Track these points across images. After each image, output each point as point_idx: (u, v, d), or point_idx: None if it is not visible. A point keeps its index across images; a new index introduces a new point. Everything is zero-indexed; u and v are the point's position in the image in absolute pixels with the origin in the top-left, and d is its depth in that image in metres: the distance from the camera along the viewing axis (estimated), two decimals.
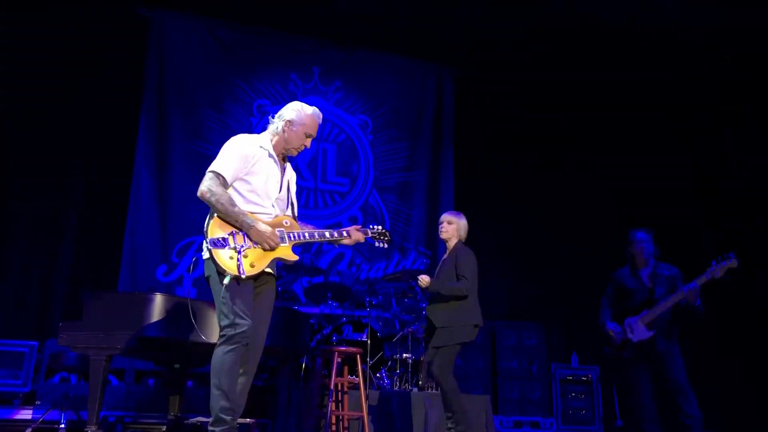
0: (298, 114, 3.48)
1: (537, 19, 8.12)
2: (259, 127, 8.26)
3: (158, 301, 4.03)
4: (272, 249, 3.26)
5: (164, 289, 7.24)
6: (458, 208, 8.85)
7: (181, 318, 4.09)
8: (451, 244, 4.86)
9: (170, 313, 4.04)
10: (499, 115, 9.03)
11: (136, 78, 7.84)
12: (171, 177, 7.79)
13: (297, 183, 3.75)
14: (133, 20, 7.84)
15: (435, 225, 8.58)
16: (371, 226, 3.77)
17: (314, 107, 3.58)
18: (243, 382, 3.27)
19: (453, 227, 4.83)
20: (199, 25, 8.27)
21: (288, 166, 3.61)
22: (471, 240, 8.73)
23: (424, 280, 4.68)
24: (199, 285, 7.53)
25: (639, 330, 4.69)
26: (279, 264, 3.45)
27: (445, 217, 4.90)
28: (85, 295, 4.12)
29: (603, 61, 8.52)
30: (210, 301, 4.28)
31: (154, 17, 8.03)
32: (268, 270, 3.36)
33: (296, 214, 3.63)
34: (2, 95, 7.14)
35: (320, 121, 3.57)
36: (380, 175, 8.77)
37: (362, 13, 8.34)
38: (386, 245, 3.86)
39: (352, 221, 8.28)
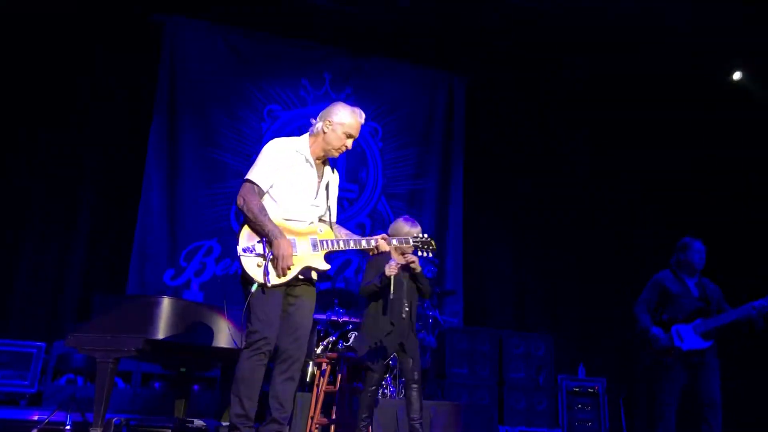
0: (338, 113, 3.41)
1: (549, 27, 8.13)
2: (269, 132, 8.28)
3: (166, 304, 4.04)
4: (283, 273, 3.16)
5: (172, 293, 7.26)
6: (467, 217, 8.90)
7: (188, 322, 4.10)
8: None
9: (177, 316, 4.04)
10: (510, 123, 9.03)
11: (148, 83, 7.89)
12: (181, 181, 7.83)
13: None
14: (146, 26, 7.89)
15: (444, 233, 8.67)
16: (415, 235, 3.65)
17: (357, 108, 3.48)
18: (289, 387, 3.26)
19: None
20: (211, 31, 8.31)
21: (327, 169, 3.52)
22: (481, 249, 8.79)
23: (416, 261, 4.23)
24: (206, 289, 7.59)
25: (691, 338, 4.58)
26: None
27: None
28: (94, 297, 4.14)
29: (610, 65, 8.52)
30: (216, 306, 4.30)
31: (167, 23, 8.08)
32: (302, 278, 3.31)
33: (334, 220, 3.55)
34: (14, 99, 7.20)
35: (362, 120, 3.46)
36: (389, 182, 8.77)
37: (374, 20, 8.39)
38: (431, 254, 3.66)
39: (360, 228, 8.28)
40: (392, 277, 4.18)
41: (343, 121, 3.39)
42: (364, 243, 3.43)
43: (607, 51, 8.36)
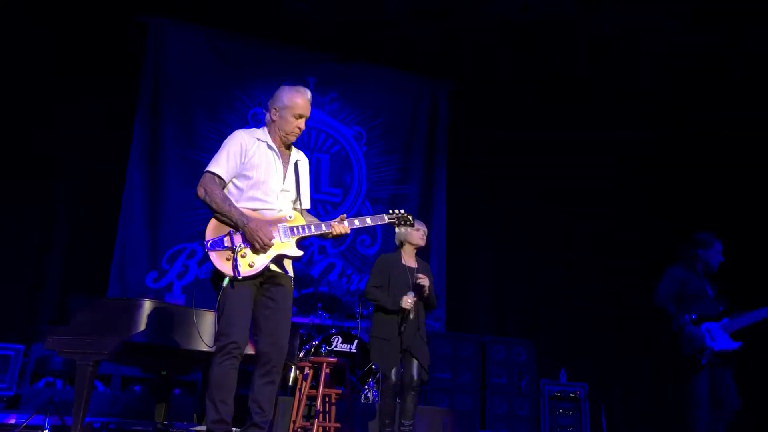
0: (282, 97, 3.33)
1: (532, 33, 8.22)
2: None
3: (147, 307, 3.99)
4: (263, 249, 3.11)
5: (153, 296, 7.20)
6: (450, 222, 8.93)
7: (169, 324, 4.07)
8: (414, 251, 4.71)
9: (158, 319, 4.01)
10: (493, 129, 9.06)
11: (132, 84, 7.84)
12: (164, 184, 7.79)
13: None
14: (130, 27, 7.85)
15: (427, 238, 8.65)
16: (390, 211, 3.54)
17: (301, 87, 3.39)
18: (269, 390, 3.17)
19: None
20: (196, 33, 8.29)
21: (294, 153, 3.44)
22: (464, 254, 8.81)
23: (426, 281, 4.45)
24: (188, 292, 7.54)
25: (722, 338, 4.44)
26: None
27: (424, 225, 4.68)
28: (73, 299, 4.09)
29: (595, 73, 8.63)
30: (197, 309, 4.27)
31: (151, 24, 8.04)
32: (275, 269, 3.21)
33: (307, 206, 3.46)
34: None
35: (309, 97, 3.36)
36: (373, 186, 8.78)
37: (359, 25, 8.40)
38: (409, 228, 3.68)
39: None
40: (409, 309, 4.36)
41: (288, 103, 3.32)
42: (324, 227, 3.29)
43: (589, 59, 8.46)
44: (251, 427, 3.15)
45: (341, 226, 3.31)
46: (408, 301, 4.35)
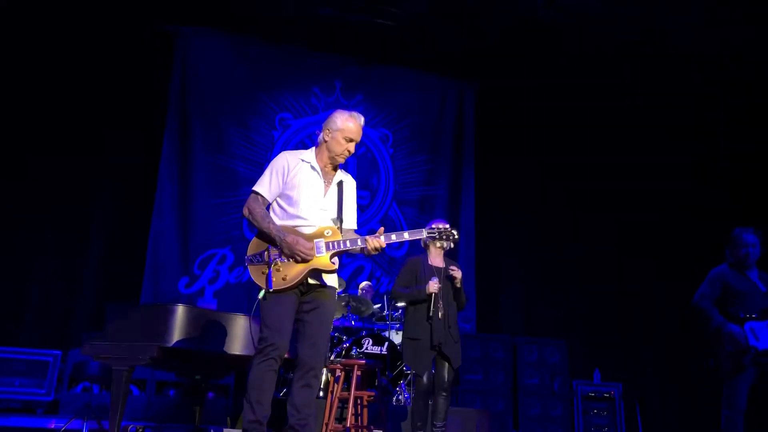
0: (336, 120, 3.49)
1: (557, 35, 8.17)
2: (281, 140, 8.32)
3: (180, 312, 4.05)
4: (304, 260, 3.25)
5: (186, 301, 7.29)
6: (479, 222, 8.89)
7: (202, 329, 4.12)
8: (441, 252, 4.73)
9: (191, 324, 4.06)
10: (521, 129, 9.00)
11: (161, 92, 7.96)
12: (194, 190, 7.88)
13: None
14: (158, 35, 7.97)
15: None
16: (431, 226, 3.55)
17: (355, 112, 3.56)
18: (306, 394, 3.26)
19: None
20: (222, 40, 8.38)
21: (339, 174, 3.55)
22: (493, 255, 8.76)
23: (458, 273, 4.52)
24: (219, 296, 7.62)
25: (767, 337, 4.25)
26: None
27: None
28: (108, 306, 4.16)
29: (619, 71, 8.54)
30: (231, 313, 4.33)
31: (178, 33, 8.15)
32: (314, 281, 3.34)
33: (353, 226, 3.55)
34: (30, 109, 7.28)
35: (362, 123, 3.54)
36: (400, 188, 8.78)
37: (384, 28, 8.42)
38: (453, 245, 3.68)
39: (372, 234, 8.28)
40: (434, 294, 4.40)
41: (341, 126, 3.47)
42: (359, 242, 3.35)
43: (616, 58, 8.39)
44: (288, 429, 3.23)
45: (375, 240, 3.33)
46: (434, 285, 4.42)
